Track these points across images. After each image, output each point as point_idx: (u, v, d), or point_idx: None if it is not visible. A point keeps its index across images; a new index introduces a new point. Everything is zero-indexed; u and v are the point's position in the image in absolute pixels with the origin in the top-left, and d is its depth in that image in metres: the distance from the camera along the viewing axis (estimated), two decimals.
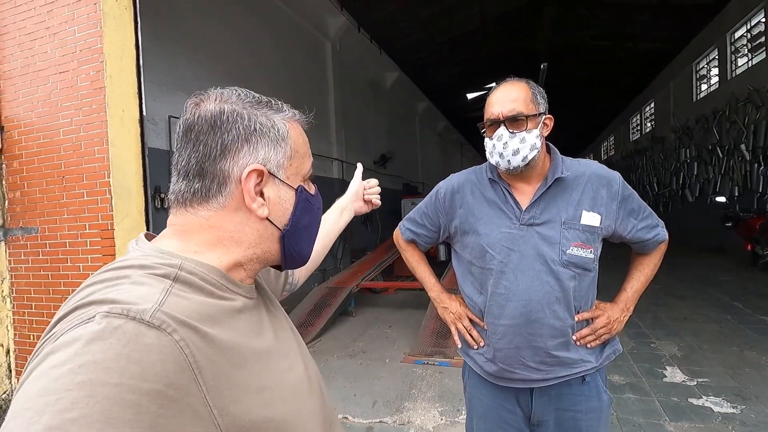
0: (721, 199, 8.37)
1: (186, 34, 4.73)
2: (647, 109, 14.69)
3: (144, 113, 2.91)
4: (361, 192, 1.13)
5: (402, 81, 11.64)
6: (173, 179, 0.57)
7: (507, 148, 1.14)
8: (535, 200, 1.17)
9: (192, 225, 0.55)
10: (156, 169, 4.15)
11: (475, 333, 1.27)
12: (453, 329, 1.33)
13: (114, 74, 2.75)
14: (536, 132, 1.15)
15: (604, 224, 1.17)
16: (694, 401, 2.82)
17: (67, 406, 0.34)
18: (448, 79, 12.48)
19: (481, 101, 1.28)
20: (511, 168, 1.15)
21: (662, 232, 1.26)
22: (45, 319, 2.94)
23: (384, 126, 11.02)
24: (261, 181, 0.56)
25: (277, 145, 0.57)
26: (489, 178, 1.25)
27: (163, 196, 4.18)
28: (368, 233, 9.35)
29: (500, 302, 1.17)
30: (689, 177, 10.82)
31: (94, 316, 0.40)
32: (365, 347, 4.08)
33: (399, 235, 1.48)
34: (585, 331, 1.18)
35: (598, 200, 1.17)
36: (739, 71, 8.74)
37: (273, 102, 0.59)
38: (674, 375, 3.23)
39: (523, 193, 1.21)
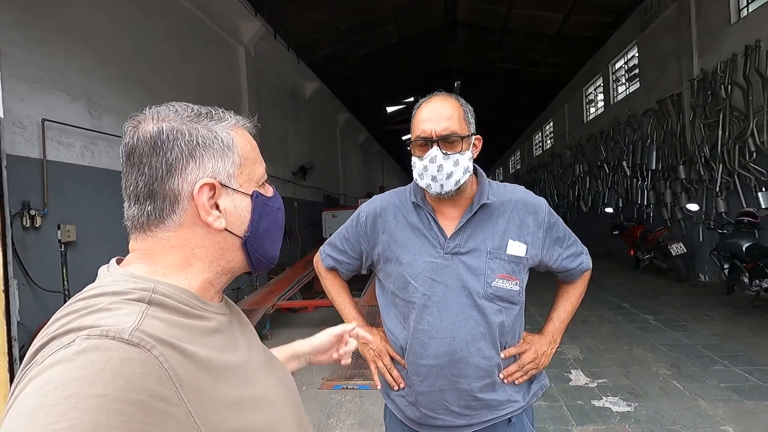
0: (609, 209, 9.42)
1: (66, 25, 4.11)
2: (547, 127, 16.21)
3: (1, 115, 2.42)
4: (332, 349, 0.94)
5: (322, 92, 11.48)
6: (125, 205, 0.57)
7: (441, 171, 1.04)
8: (460, 227, 1.10)
9: (155, 248, 0.56)
10: (25, 180, 3.51)
11: (395, 373, 1.17)
12: (373, 368, 1.21)
13: None
14: (468, 154, 1.08)
15: (530, 254, 1.12)
16: (596, 402, 3.01)
17: (55, 419, 0.35)
18: (368, 92, 12.61)
19: (400, 115, 1.19)
20: (443, 192, 1.06)
21: (586, 260, 1.26)
22: None
23: (304, 137, 10.74)
24: (214, 193, 0.56)
25: (223, 155, 0.57)
26: (413, 202, 1.15)
27: (33, 213, 3.53)
28: (287, 248, 8.96)
29: (423, 340, 1.08)
30: (583, 189, 12.07)
31: (74, 340, 0.41)
32: None
33: (319, 261, 1.34)
34: (512, 367, 1.13)
35: (524, 228, 1.13)
36: (619, 97, 9.99)
37: (214, 112, 0.59)
38: (578, 378, 3.44)
39: (448, 219, 1.13)
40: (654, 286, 6.67)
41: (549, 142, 16.02)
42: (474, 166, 1.15)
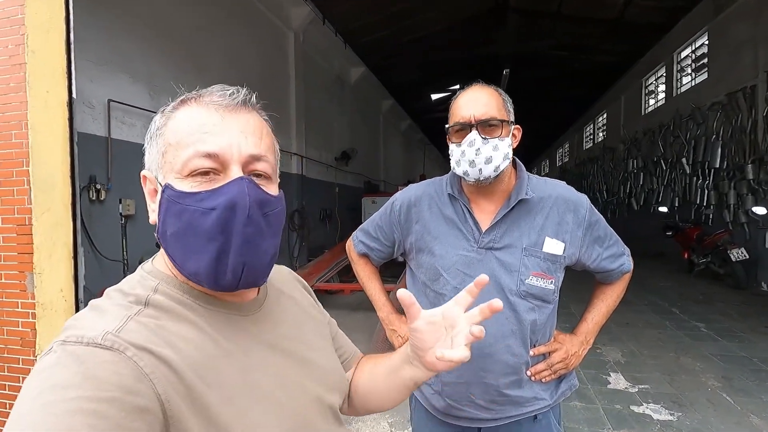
0: (663, 209, 8.89)
1: (133, 10, 4.35)
2: (600, 119, 15.39)
3: (74, 95, 2.61)
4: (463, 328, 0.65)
5: (367, 77, 11.48)
6: None
7: (479, 155, 1.02)
8: (495, 222, 1.08)
9: None
10: (92, 157, 3.80)
11: None
12: None
13: (38, 49, 2.44)
14: (508, 141, 1.06)
15: (567, 252, 1.09)
16: (635, 408, 2.90)
17: (32, 427, 0.36)
18: (413, 79, 12.47)
19: (444, 103, 1.18)
20: (482, 178, 1.04)
21: (627, 262, 1.21)
22: None
23: (347, 122, 10.83)
24: (154, 187, 0.55)
25: (152, 143, 0.55)
26: (448, 194, 1.14)
27: (99, 187, 3.82)
28: (327, 231, 9.16)
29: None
30: (635, 186, 11.43)
31: (52, 347, 0.43)
32: None
33: (351, 246, 1.35)
34: (540, 366, 1.11)
35: (563, 226, 1.09)
36: (683, 89, 9.29)
37: (179, 98, 0.57)
38: (618, 381, 3.33)
39: (484, 212, 1.11)
40: (708, 293, 6.26)
41: (601, 134, 15.23)
42: (513, 158, 1.12)
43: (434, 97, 13.07)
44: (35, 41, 2.42)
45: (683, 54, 9.35)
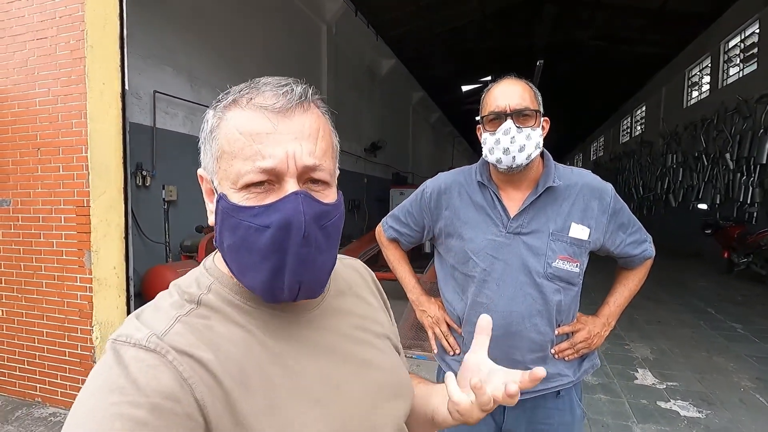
0: (703, 206, 8.54)
1: (175, 7, 4.56)
2: (638, 112, 14.81)
3: (126, 87, 2.80)
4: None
5: (398, 69, 11.50)
6: None
7: (514, 143, 1.07)
8: (524, 208, 1.13)
9: None
10: (139, 145, 4.04)
11: (452, 339, 1.25)
12: (430, 333, 1.31)
13: (95, 44, 2.63)
14: (539, 131, 1.11)
15: (592, 238, 1.14)
16: (662, 404, 2.88)
17: (76, 429, 0.40)
18: (444, 71, 12.37)
19: (475, 95, 1.23)
20: (514, 166, 1.09)
21: (650, 248, 1.24)
22: (15, 294, 2.85)
23: (377, 114, 10.91)
24: (210, 186, 0.53)
25: (205, 145, 0.52)
26: (478, 181, 1.20)
27: (145, 173, 4.07)
28: (354, 221, 9.31)
29: (480, 312, 1.13)
30: (674, 182, 10.99)
31: (107, 345, 0.46)
32: None
33: (381, 232, 1.42)
34: (564, 344, 1.17)
35: (589, 212, 1.14)
36: (730, 80, 8.84)
37: (234, 88, 0.51)
38: (645, 378, 3.30)
39: (512, 200, 1.16)
40: (748, 294, 6.01)
41: (639, 128, 14.66)
42: (542, 148, 1.16)
43: (465, 88, 12.93)
44: (93, 36, 2.62)
45: (731, 43, 8.87)
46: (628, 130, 16.00)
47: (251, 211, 0.47)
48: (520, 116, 1.08)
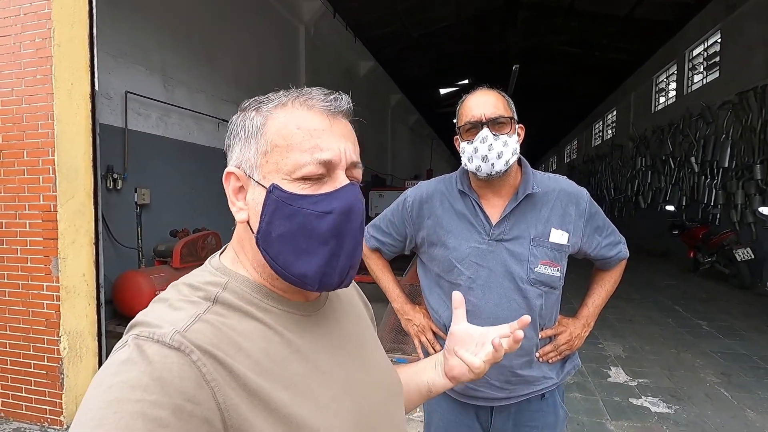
0: (671, 207, 8.88)
1: (147, 5, 4.44)
2: (609, 116, 15.29)
3: (96, 87, 2.71)
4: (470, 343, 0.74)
5: (376, 71, 11.52)
6: None
7: (492, 150, 1.10)
8: (505, 215, 1.16)
9: (238, 235, 0.58)
10: (109, 147, 3.90)
11: (438, 347, 1.26)
12: (416, 342, 1.32)
13: (63, 43, 2.54)
14: (515, 137, 1.14)
15: (571, 242, 1.17)
16: (634, 401, 2.98)
17: (97, 423, 0.39)
18: (421, 74, 12.47)
19: (452, 98, 1.25)
20: (494, 173, 1.11)
21: (624, 250, 1.29)
22: None
23: (355, 116, 10.86)
24: (241, 185, 0.55)
25: (247, 142, 0.54)
26: (459, 190, 1.21)
27: (116, 176, 3.94)
28: None
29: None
30: (643, 184, 11.38)
31: (127, 341, 0.45)
32: None
33: (363, 242, 1.42)
34: (547, 348, 1.20)
35: (567, 218, 1.18)
36: (694, 87, 9.23)
37: (273, 94, 0.55)
38: (618, 375, 3.40)
39: (493, 207, 1.19)
40: (712, 292, 6.29)
41: (610, 132, 15.14)
42: (519, 155, 1.18)
43: (443, 91, 13.06)
44: (61, 35, 2.52)
45: (695, 52, 9.28)
46: (600, 134, 16.50)
47: (311, 198, 0.51)
48: (495, 124, 1.11)
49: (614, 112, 14.65)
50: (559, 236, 1.16)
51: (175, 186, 4.70)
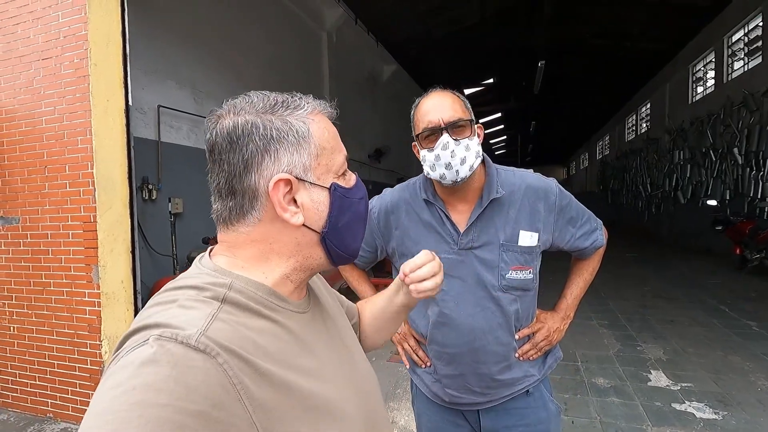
0: (713, 202, 8.42)
1: (176, 21, 4.62)
2: (643, 109, 14.70)
3: (130, 103, 2.83)
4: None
5: (399, 74, 11.54)
6: (212, 198, 0.58)
7: (455, 156, 1.04)
8: (472, 222, 1.12)
9: (237, 241, 0.57)
10: (144, 159, 4.08)
11: (421, 353, 1.26)
12: (400, 349, 1.31)
13: (99, 62, 2.67)
14: (476, 140, 1.10)
15: (541, 240, 1.14)
16: (677, 406, 2.83)
17: (120, 425, 0.37)
18: (445, 74, 12.38)
19: (480, 97, 1.22)
20: (459, 180, 1.07)
21: (600, 237, 1.24)
22: (25, 310, 2.88)
23: (380, 119, 10.94)
24: (291, 188, 0.54)
25: (299, 147, 0.55)
26: (423, 199, 1.17)
27: (150, 187, 4.11)
28: None
29: (443, 330, 1.15)
30: (682, 179, 10.87)
31: (147, 339, 0.43)
32: None
33: None
34: (526, 346, 1.19)
35: (536, 215, 1.14)
36: (735, 75, 8.75)
37: (290, 99, 0.57)
38: (659, 379, 3.24)
39: (460, 213, 1.15)
40: (762, 290, 5.91)
41: (644, 125, 14.54)
42: (483, 154, 1.14)
43: (467, 91, 12.93)
44: (97, 54, 2.66)
45: (735, 37, 8.80)
46: (634, 128, 15.88)
47: (353, 190, 0.61)
48: (455, 128, 1.06)
49: (648, 105, 14.07)
50: (528, 238, 1.12)
51: (206, 195, 4.74)
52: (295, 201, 0.55)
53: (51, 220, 2.80)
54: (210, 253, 0.60)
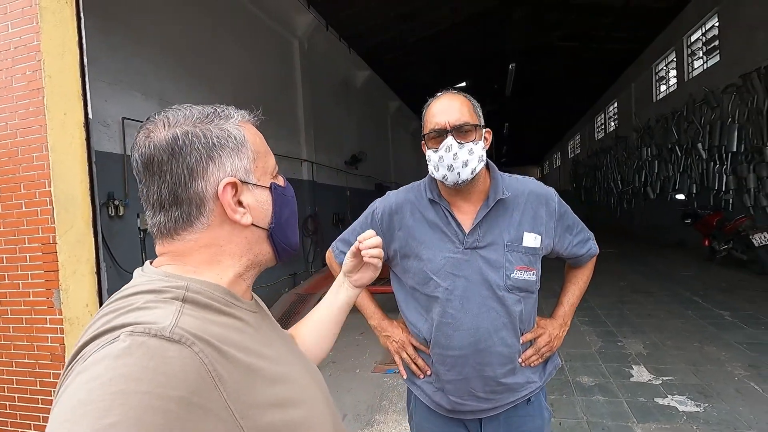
0: (681, 196, 8.71)
1: (143, 32, 4.46)
2: (611, 108, 15.16)
3: (90, 116, 2.69)
4: (354, 253, 0.90)
5: (373, 80, 11.54)
6: (147, 213, 0.58)
7: (457, 159, 1.08)
8: (478, 222, 1.13)
9: (184, 249, 0.57)
10: (109, 174, 3.90)
11: (420, 362, 1.21)
12: (397, 359, 1.26)
13: (54, 74, 2.52)
14: (481, 144, 1.12)
15: (544, 244, 1.17)
16: (660, 401, 2.86)
17: (103, 413, 0.36)
18: (419, 79, 12.47)
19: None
20: (460, 182, 1.09)
21: (594, 246, 1.29)
22: None
23: (355, 126, 10.89)
24: (237, 191, 0.58)
25: (239, 152, 0.59)
26: (429, 199, 1.18)
27: (117, 203, 3.93)
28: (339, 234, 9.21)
29: (447, 332, 1.13)
30: (651, 175, 11.22)
31: (119, 336, 0.42)
32: (335, 357, 3.97)
33: (332, 257, 1.35)
34: (529, 352, 1.19)
35: (538, 220, 1.17)
36: (695, 73, 9.11)
37: (219, 110, 0.60)
38: (641, 374, 3.28)
39: (465, 213, 1.16)
40: (731, 280, 6.11)
41: (613, 124, 15.00)
42: (486, 159, 1.16)
43: None
44: (51, 66, 2.51)
45: (693, 37, 9.17)
46: (603, 127, 16.36)
47: (286, 188, 0.66)
48: (460, 132, 1.09)
49: (615, 104, 14.53)
50: (532, 239, 1.14)
51: None
52: (240, 203, 0.58)
53: (6, 243, 2.61)
54: (151, 263, 0.59)
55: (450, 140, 1.08)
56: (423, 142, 1.17)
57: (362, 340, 4.40)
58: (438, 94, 1.17)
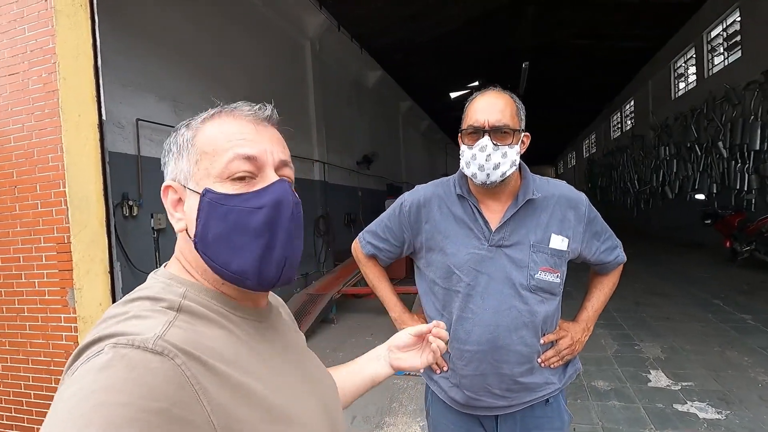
0: (700, 196, 8.49)
1: (156, 33, 4.52)
2: (627, 107, 14.88)
3: (104, 117, 2.73)
4: (414, 347, 0.83)
5: (384, 80, 11.51)
6: None
7: (489, 160, 1.07)
8: (505, 221, 1.12)
9: (177, 245, 0.59)
10: (123, 175, 3.95)
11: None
12: None
13: (68, 76, 2.56)
14: (517, 148, 1.11)
15: (571, 247, 1.15)
16: (679, 407, 2.77)
17: (84, 424, 0.36)
18: (431, 79, 12.41)
19: (464, 101, 1.19)
20: (488, 183, 1.09)
21: (621, 254, 1.27)
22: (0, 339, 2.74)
23: (367, 126, 10.88)
24: (179, 197, 0.57)
25: (179, 155, 0.57)
26: (457, 194, 1.18)
27: (131, 203, 3.97)
28: (352, 235, 9.21)
29: (467, 327, 1.13)
30: (669, 174, 10.97)
31: (103, 349, 0.43)
32: (345, 357, 3.92)
33: (358, 248, 1.38)
34: (549, 353, 1.18)
35: (566, 223, 1.16)
36: (715, 69, 8.87)
37: (211, 109, 0.59)
38: (658, 379, 3.19)
39: (492, 212, 1.16)
40: (754, 282, 5.92)
41: (629, 122, 14.72)
42: (519, 161, 1.16)
43: (453, 95, 12.95)
44: (66, 68, 2.55)
45: (713, 33, 8.93)
46: (619, 125, 16.06)
47: (243, 197, 0.54)
48: (498, 133, 1.08)
49: (632, 103, 14.25)
50: (559, 242, 1.13)
51: None
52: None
53: (23, 243, 2.66)
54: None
55: (486, 140, 1.07)
56: (460, 135, 1.16)
57: (372, 341, 4.38)
58: (486, 89, 1.15)
